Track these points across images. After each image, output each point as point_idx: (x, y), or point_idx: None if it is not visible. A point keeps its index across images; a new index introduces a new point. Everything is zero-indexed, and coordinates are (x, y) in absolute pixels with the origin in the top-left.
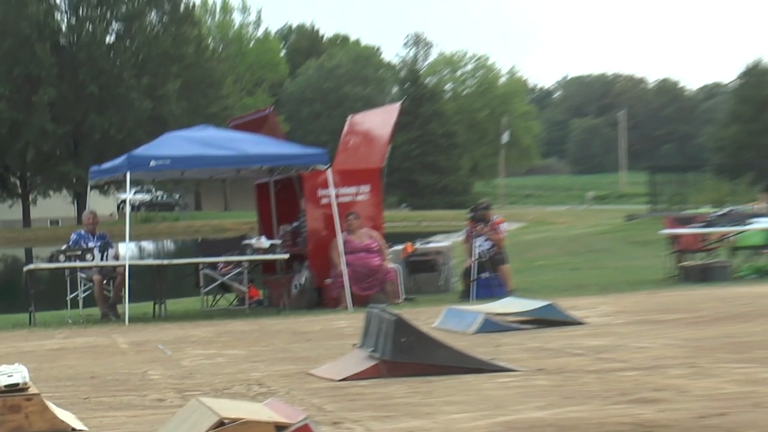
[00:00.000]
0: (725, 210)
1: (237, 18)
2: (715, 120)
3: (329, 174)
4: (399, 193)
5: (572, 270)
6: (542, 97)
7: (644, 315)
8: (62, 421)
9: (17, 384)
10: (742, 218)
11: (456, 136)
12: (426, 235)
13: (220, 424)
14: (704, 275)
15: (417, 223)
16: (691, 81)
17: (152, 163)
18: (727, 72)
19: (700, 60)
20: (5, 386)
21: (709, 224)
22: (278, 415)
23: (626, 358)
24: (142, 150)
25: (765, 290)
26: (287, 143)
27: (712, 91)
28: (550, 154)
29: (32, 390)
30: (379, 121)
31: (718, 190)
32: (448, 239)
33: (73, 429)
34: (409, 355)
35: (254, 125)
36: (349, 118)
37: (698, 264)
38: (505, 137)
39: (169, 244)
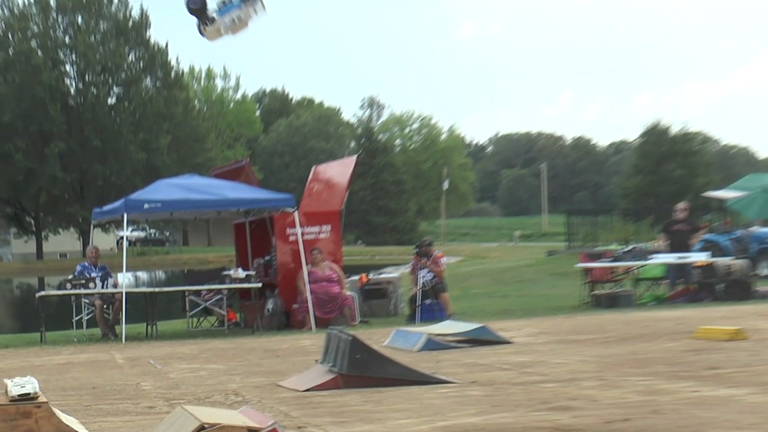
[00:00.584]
0: (630, 247)
1: (219, 83)
2: (621, 171)
3: (296, 215)
4: (356, 232)
5: (502, 297)
6: (477, 151)
7: (562, 335)
8: (67, 426)
9: (29, 393)
10: (644, 254)
11: (404, 183)
12: (378, 267)
13: (201, 428)
14: (612, 302)
15: (371, 257)
16: (602, 139)
17: (146, 206)
18: (632, 131)
19: (609, 121)
20: (18, 395)
21: (617, 259)
22: (251, 421)
23: (546, 372)
24: (137, 195)
25: (663, 315)
26: (261, 189)
27: (619, 147)
28: (483, 199)
29: (41, 399)
30: (338, 171)
31: (624, 230)
32: (397, 271)
33: (76, 431)
34: (362, 370)
35: (233, 174)
36: (313, 168)
37: (607, 292)
38: (446, 185)
39: (160, 274)
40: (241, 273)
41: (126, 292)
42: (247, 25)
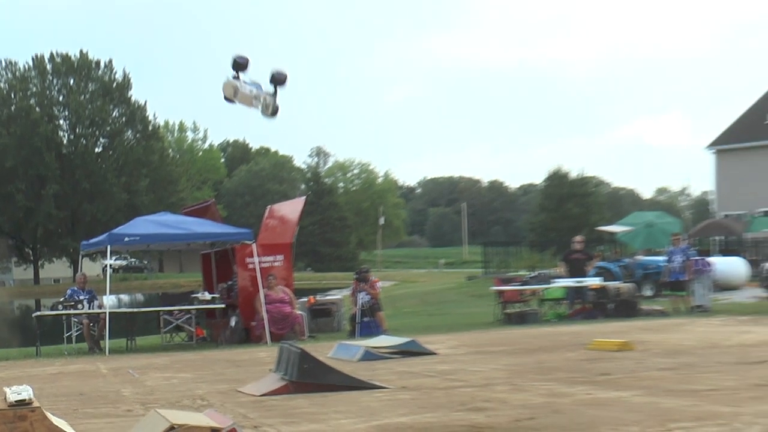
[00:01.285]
0: (536, 273)
1: (190, 135)
2: (529, 209)
3: (254, 247)
4: (305, 260)
5: (428, 315)
6: (407, 193)
7: (478, 347)
8: (57, 427)
9: (24, 399)
10: (548, 279)
11: (346, 219)
12: (324, 290)
13: (171, 428)
14: (521, 319)
15: (318, 282)
16: (513, 182)
17: (126, 239)
18: (538, 176)
19: (519, 167)
20: (15, 401)
21: (525, 283)
22: (213, 422)
23: (465, 379)
24: (119, 230)
25: (563, 330)
26: (224, 225)
27: (527, 189)
28: (413, 232)
29: (35, 404)
30: (290, 210)
31: (531, 258)
32: (340, 293)
33: None
34: (310, 377)
35: (200, 212)
36: (268, 207)
37: (517, 311)
38: (382, 220)
39: (139, 297)
40: (207, 295)
41: (109, 312)
42: (251, 104)
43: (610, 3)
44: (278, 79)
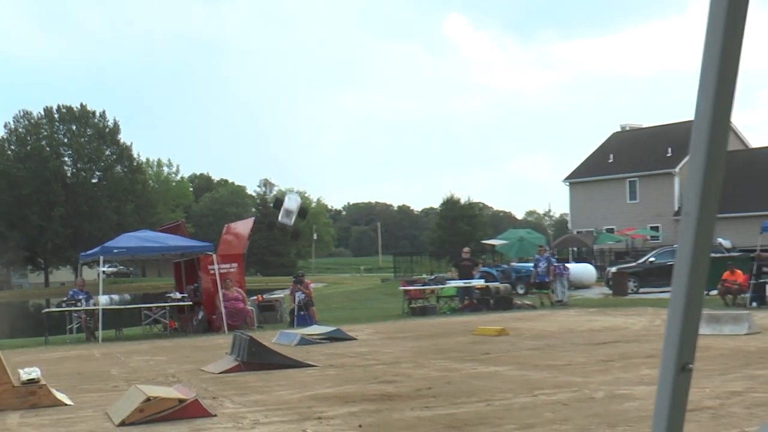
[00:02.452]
0: (434, 276)
1: (166, 169)
2: (429, 228)
3: (214, 257)
4: (256, 267)
5: (352, 309)
6: (335, 214)
7: (389, 334)
8: (59, 399)
9: (34, 378)
10: (443, 281)
11: (287, 235)
12: (271, 290)
13: (147, 399)
14: (423, 312)
15: (266, 284)
16: (417, 206)
17: (115, 251)
18: (436, 201)
19: (422, 194)
20: (27, 380)
21: (426, 284)
22: (180, 394)
23: (378, 358)
24: (110, 243)
25: (455, 320)
26: (191, 240)
27: (428, 212)
28: (340, 245)
29: (42, 382)
30: (242, 228)
31: (431, 265)
32: (282, 293)
33: (66, 403)
34: (257, 358)
35: (173, 229)
36: (226, 225)
37: (419, 306)
38: (315, 236)
39: (126, 296)
40: (178, 295)
41: (102, 308)
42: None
43: (498, 65)
44: (302, 212)
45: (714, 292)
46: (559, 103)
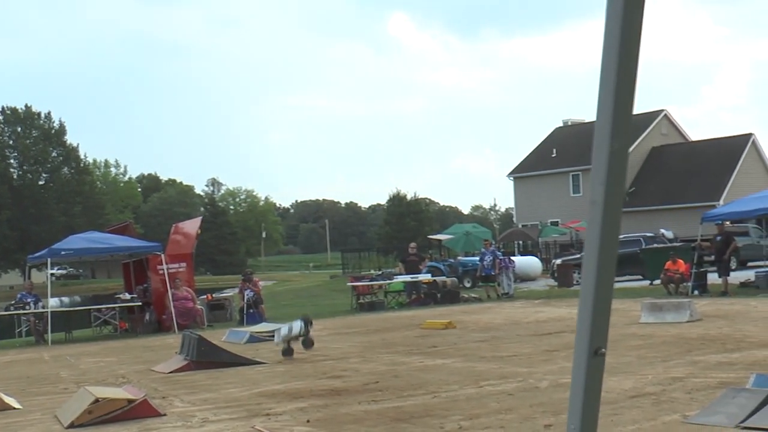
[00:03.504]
0: (381, 272)
1: (113, 170)
2: (376, 224)
3: (163, 257)
4: (206, 266)
5: (301, 306)
6: (284, 212)
7: (338, 330)
8: (8, 403)
9: None
10: (391, 276)
11: (236, 234)
12: (221, 289)
13: (96, 400)
14: (371, 307)
15: (216, 283)
16: (364, 202)
17: (63, 253)
18: (383, 197)
19: (369, 191)
20: None
21: (373, 279)
22: (129, 394)
23: (327, 353)
24: (57, 245)
25: (402, 314)
26: (139, 240)
27: (375, 209)
28: (289, 243)
29: None
30: (190, 227)
31: (378, 261)
32: (233, 291)
33: (14, 407)
34: (206, 357)
35: (121, 230)
36: (173, 225)
37: (367, 301)
38: (264, 234)
39: (76, 298)
40: (127, 296)
41: (51, 311)
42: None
43: (441, 64)
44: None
45: (657, 282)
46: (502, 100)
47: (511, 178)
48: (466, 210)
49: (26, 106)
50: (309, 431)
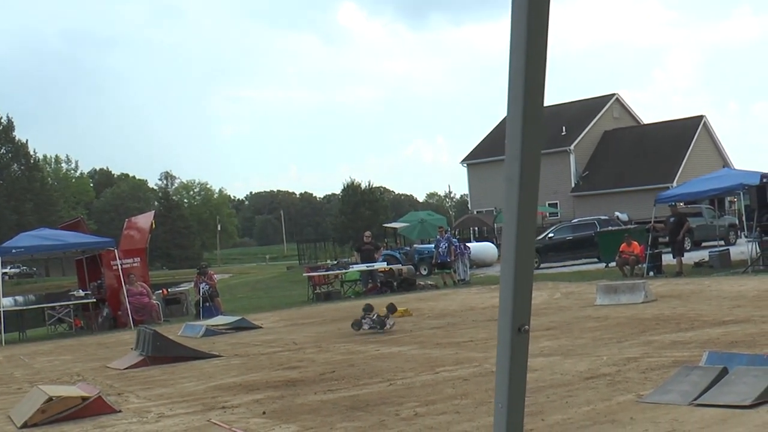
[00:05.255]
0: (337, 261)
1: (64, 165)
2: (332, 214)
3: (117, 252)
4: (161, 261)
5: (257, 298)
6: (238, 204)
7: (295, 321)
8: None
9: None
10: (346, 265)
11: (191, 228)
12: (177, 284)
13: (50, 399)
14: (327, 297)
15: (172, 277)
16: (319, 193)
17: (14, 251)
18: (337, 187)
19: (323, 181)
20: None
21: (329, 269)
22: (83, 392)
23: (283, 345)
24: (8, 243)
25: (359, 303)
26: (92, 236)
27: (330, 198)
28: (244, 235)
29: None
30: (143, 221)
31: (334, 251)
32: (188, 285)
33: None
34: (162, 352)
35: (73, 226)
36: (126, 220)
37: (324, 291)
38: (219, 227)
39: (31, 297)
40: (81, 293)
41: (4, 310)
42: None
43: (392, 52)
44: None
45: (612, 264)
46: (454, 88)
47: (465, 165)
48: (421, 198)
49: None
50: (265, 423)
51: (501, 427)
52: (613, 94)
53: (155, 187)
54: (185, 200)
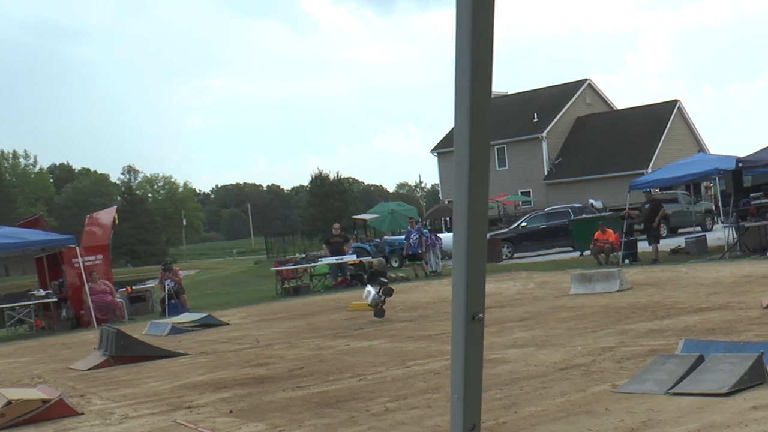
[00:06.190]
0: (305, 255)
1: (23, 161)
2: (300, 206)
3: (78, 249)
4: (126, 257)
5: (225, 294)
6: (204, 198)
7: (263, 316)
8: None
9: None
10: (315, 258)
11: (156, 223)
12: (143, 281)
13: (9, 403)
14: (296, 291)
15: (137, 274)
16: (287, 185)
17: None
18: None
19: (291, 173)
20: None
21: (298, 263)
22: (44, 394)
23: (251, 342)
24: None
25: (329, 297)
26: (52, 233)
27: (298, 190)
28: (211, 230)
29: None
30: (105, 217)
31: (303, 244)
32: (154, 282)
33: None
34: (125, 352)
35: (32, 224)
36: (87, 216)
37: (293, 286)
38: (185, 222)
39: None
40: (42, 292)
41: None
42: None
43: (359, 39)
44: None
45: (587, 253)
46: (422, 75)
47: (435, 154)
48: (391, 188)
49: None
50: (232, 422)
51: (458, 418)
52: (585, 80)
53: (118, 182)
54: (149, 194)
